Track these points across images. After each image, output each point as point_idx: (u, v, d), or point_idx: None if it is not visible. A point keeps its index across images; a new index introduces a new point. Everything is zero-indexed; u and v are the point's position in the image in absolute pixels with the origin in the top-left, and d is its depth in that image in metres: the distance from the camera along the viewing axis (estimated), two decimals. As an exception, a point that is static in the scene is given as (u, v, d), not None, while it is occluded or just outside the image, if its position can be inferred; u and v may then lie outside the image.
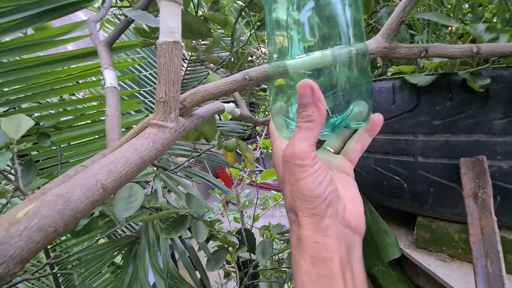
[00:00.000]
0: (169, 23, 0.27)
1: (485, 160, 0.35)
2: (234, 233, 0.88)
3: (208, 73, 0.52)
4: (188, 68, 1.06)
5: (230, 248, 0.80)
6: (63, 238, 0.93)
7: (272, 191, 2.12)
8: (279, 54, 0.30)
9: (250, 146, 0.89)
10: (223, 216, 1.69)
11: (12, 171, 0.66)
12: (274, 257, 1.15)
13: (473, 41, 0.42)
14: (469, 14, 0.45)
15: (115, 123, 0.35)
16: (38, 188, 0.67)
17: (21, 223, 0.18)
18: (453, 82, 0.39)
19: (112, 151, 0.30)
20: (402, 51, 0.30)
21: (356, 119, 0.31)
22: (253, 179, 1.43)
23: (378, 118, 0.33)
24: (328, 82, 0.30)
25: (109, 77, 0.39)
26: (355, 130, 0.37)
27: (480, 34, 0.36)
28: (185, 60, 1.08)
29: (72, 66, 0.82)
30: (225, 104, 0.37)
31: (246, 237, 0.91)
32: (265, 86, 1.00)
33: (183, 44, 0.28)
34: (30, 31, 0.76)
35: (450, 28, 0.47)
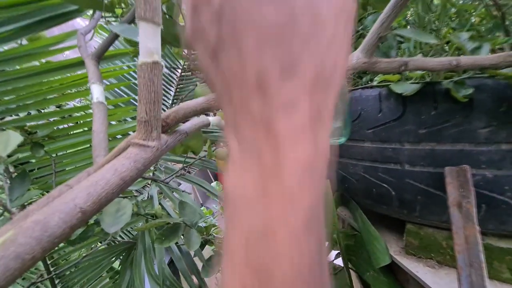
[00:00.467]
0: (148, 44, 0.27)
1: (468, 170, 0.35)
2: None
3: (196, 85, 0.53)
4: (183, 74, 1.06)
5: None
6: (61, 245, 0.94)
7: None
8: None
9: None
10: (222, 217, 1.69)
11: (8, 181, 0.67)
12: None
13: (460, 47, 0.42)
14: (454, 20, 0.45)
15: (101, 139, 0.35)
16: (36, 197, 0.67)
17: (-2, 252, 0.18)
18: (437, 91, 0.39)
19: (96, 168, 0.30)
20: (382, 65, 0.30)
21: (335, 135, 0.31)
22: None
23: None
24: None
25: (96, 92, 0.39)
26: None
27: (464, 43, 0.36)
28: (177, 70, 1.09)
29: (67, 75, 0.83)
30: (210, 118, 0.37)
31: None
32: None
33: (162, 64, 0.28)
34: (24, 41, 0.77)
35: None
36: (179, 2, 0.61)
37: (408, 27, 0.60)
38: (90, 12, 0.81)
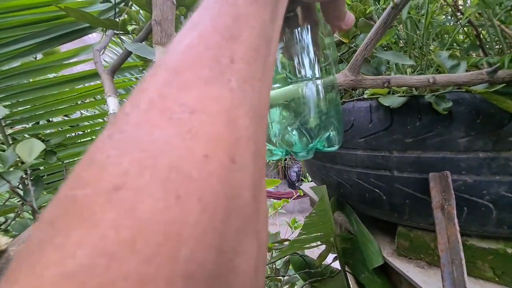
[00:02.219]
0: (163, 64, 0.32)
1: (449, 175, 0.39)
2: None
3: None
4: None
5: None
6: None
7: (271, 199, 2.14)
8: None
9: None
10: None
11: (21, 186, 0.70)
12: (273, 265, 1.17)
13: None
14: (438, 39, 0.49)
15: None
16: (47, 203, 0.71)
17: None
18: (421, 104, 0.43)
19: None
20: (367, 82, 0.34)
21: (329, 143, 0.35)
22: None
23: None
24: (301, 111, 0.34)
25: (112, 104, 0.43)
26: None
27: (443, 61, 0.41)
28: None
29: (78, 87, 0.88)
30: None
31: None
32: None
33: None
34: (39, 55, 0.82)
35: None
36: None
37: (401, 42, 0.64)
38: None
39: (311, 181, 1.35)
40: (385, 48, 0.55)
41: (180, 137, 0.10)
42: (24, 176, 0.78)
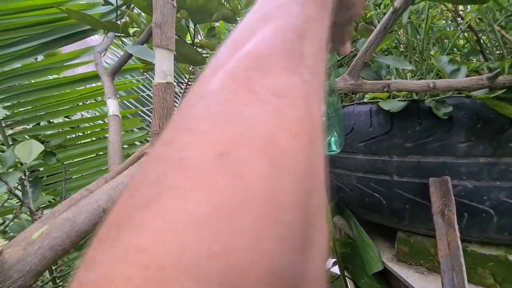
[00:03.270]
0: (163, 66, 0.32)
1: (449, 181, 0.39)
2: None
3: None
4: (188, 87, 1.12)
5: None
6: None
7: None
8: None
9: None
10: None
11: (19, 187, 0.70)
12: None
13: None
14: (438, 44, 0.49)
15: (116, 149, 0.39)
16: (45, 204, 0.70)
17: (36, 243, 0.22)
18: (421, 108, 0.43)
19: (113, 175, 0.34)
20: (367, 87, 0.34)
21: (330, 146, 0.35)
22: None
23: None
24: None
25: (112, 106, 0.43)
26: None
27: (443, 66, 0.41)
28: (183, 84, 1.15)
29: (79, 88, 0.88)
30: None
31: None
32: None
33: (174, 84, 0.32)
34: (40, 57, 0.82)
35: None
36: (187, 24, 0.66)
37: (401, 46, 0.64)
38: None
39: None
40: (386, 53, 0.55)
41: (272, 115, 0.11)
42: (23, 177, 0.77)
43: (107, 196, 0.27)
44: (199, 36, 0.80)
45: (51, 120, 1.03)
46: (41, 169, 0.96)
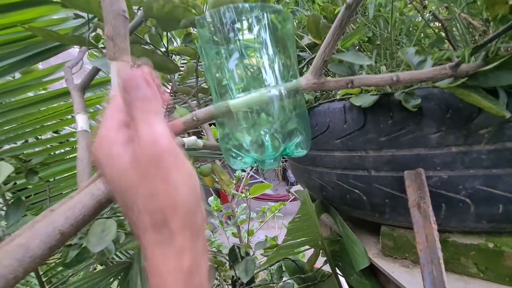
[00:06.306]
0: (118, 80, 0.31)
1: (422, 173, 0.38)
2: (229, 250, 0.90)
3: (175, 107, 0.56)
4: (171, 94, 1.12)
5: (221, 267, 0.82)
6: (59, 268, 0.96)
7: (269, 202, 2.13)
8: (219, 95, 0.34)
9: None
10: (219, 234, 1.71)
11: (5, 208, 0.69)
12: (271, 271, 1.16)
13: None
14: (406, 36, 0.49)
15: (85, 165, 0.39)
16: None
17: (-16, 273, 0.21)
18: (392, 101, 0.42)
19: (78, 193, 0.33)
20: (330, 84, 0.34)
21: (297, 147, 0.35)
22: (243, 194, 1.45)
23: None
24: (267, 117, 0.34)
25: (81, 121, 0.43)
26: None
27: (409, 58, 0.40)
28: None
29: (61, 103, 0.87)
30: (185, 139, 0.40)
31: (239, 254, 0.93)
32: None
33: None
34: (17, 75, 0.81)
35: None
36: (159, 32, 0.65)
37: (377, 40, 0.64)
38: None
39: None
40: (358, 48, 0.55)
41: None
42: (7, 198, 0.77)
43: (64, 218, 0.26)
44: (175, 43, 0.79)
45: (39, 137, 1.02)
46: (30, 187, 0.95)
